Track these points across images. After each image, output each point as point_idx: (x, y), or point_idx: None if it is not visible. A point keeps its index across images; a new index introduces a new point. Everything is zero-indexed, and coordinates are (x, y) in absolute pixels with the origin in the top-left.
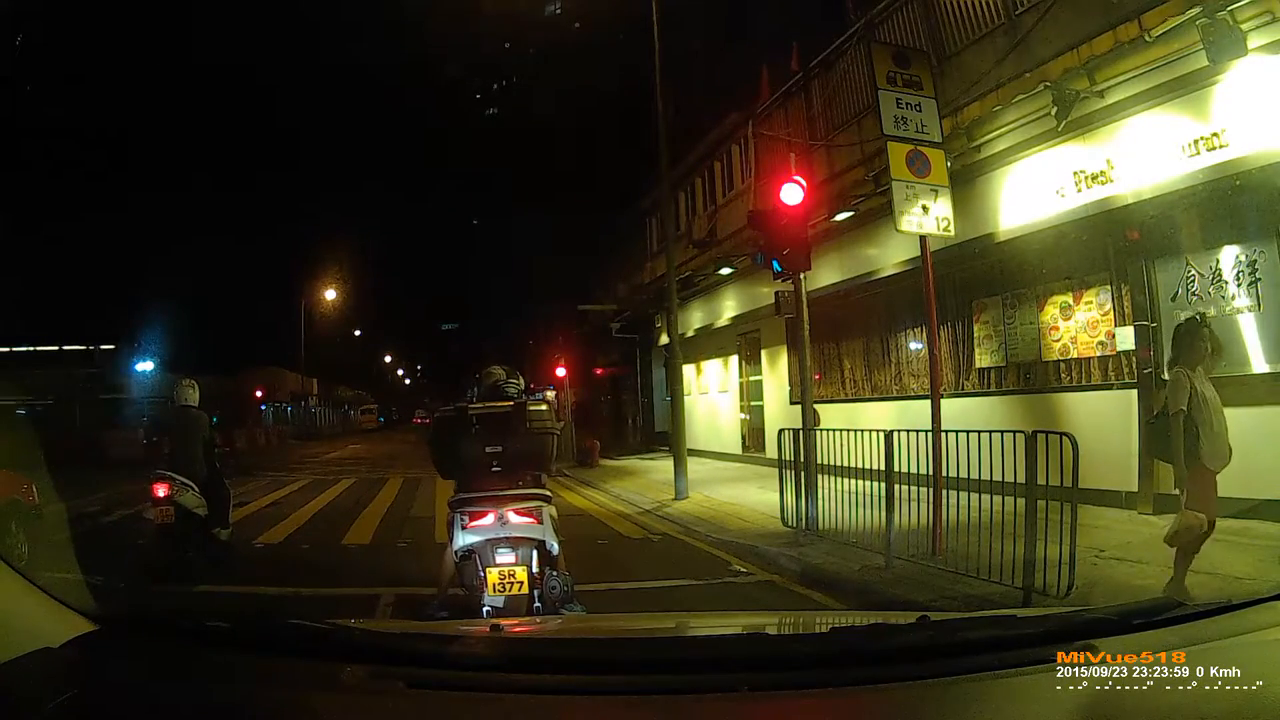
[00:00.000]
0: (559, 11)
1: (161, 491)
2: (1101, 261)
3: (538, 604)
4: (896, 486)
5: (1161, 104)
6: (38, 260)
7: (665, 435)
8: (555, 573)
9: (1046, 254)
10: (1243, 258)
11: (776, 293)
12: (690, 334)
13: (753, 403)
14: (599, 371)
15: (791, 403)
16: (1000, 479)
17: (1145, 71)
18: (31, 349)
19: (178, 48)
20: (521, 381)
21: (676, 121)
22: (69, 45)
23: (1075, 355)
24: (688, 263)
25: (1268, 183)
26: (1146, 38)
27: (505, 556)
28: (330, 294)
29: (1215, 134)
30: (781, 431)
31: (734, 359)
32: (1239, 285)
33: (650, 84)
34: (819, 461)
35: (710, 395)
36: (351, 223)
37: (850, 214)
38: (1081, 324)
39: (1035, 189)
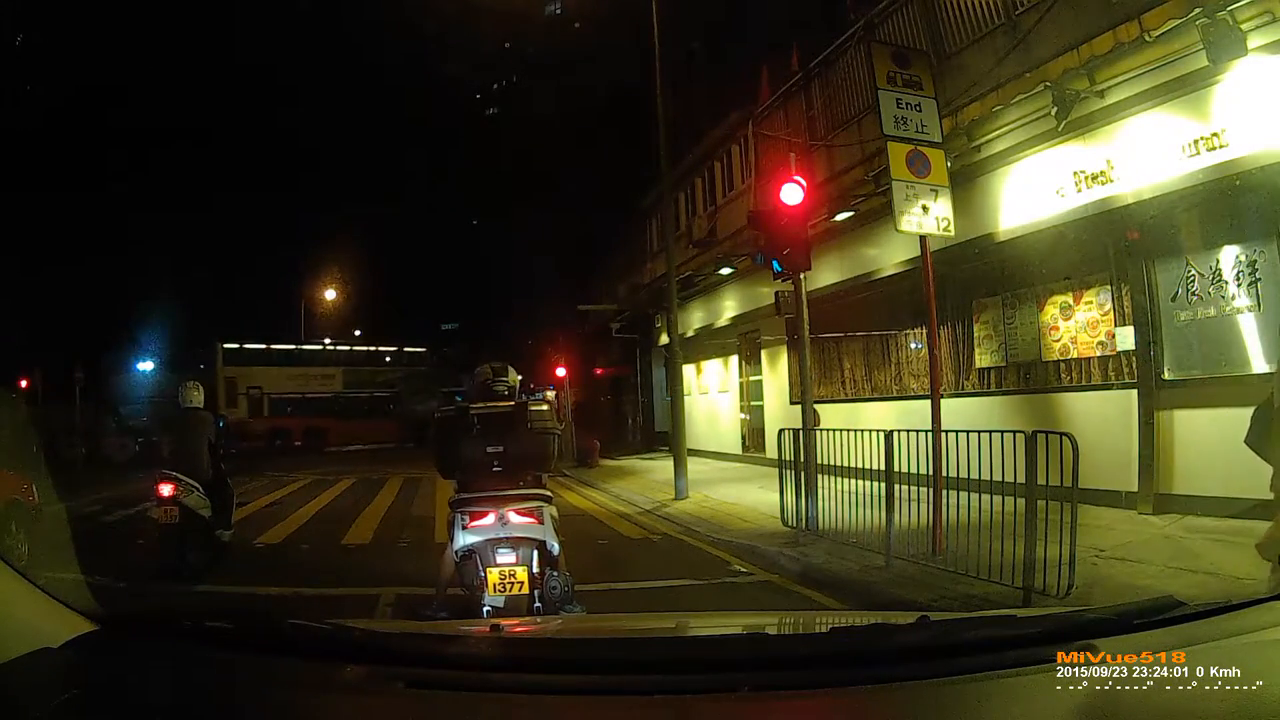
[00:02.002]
0: (559, 11)
1: (166, 491)
2: (1101, 261)
3: (538, 604)
4: (896, 486)
5: (1161, 104)
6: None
7: (665, 435)
8: (556, 573)
9: (1046, 254)
10: (1243, 258)
11: (776, 293)
12: (690, 334)
13: (753, 403)
14: (599, 371)
15: (791, 403)
16: (1000, 479)
17: (1145, 71)
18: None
19: (174, 46)
20: (513, 376)
21: (677, 121)
22: (66, 44)
23: (1075, 355)
24: (688, 263)
25: (1268, 183)
26: (1146, 38)
27: (506, 556)
28: (330, 294)
29: (1215, 134)
30: (781, 431)
31: (734, 359)
32: (1239, 285)
33: (650, 84)
34: (819, 461)
35: (710, 395)
36: (351, 223)
37: (850, 214)
38: (1081, 324)
39: (1035, 189)
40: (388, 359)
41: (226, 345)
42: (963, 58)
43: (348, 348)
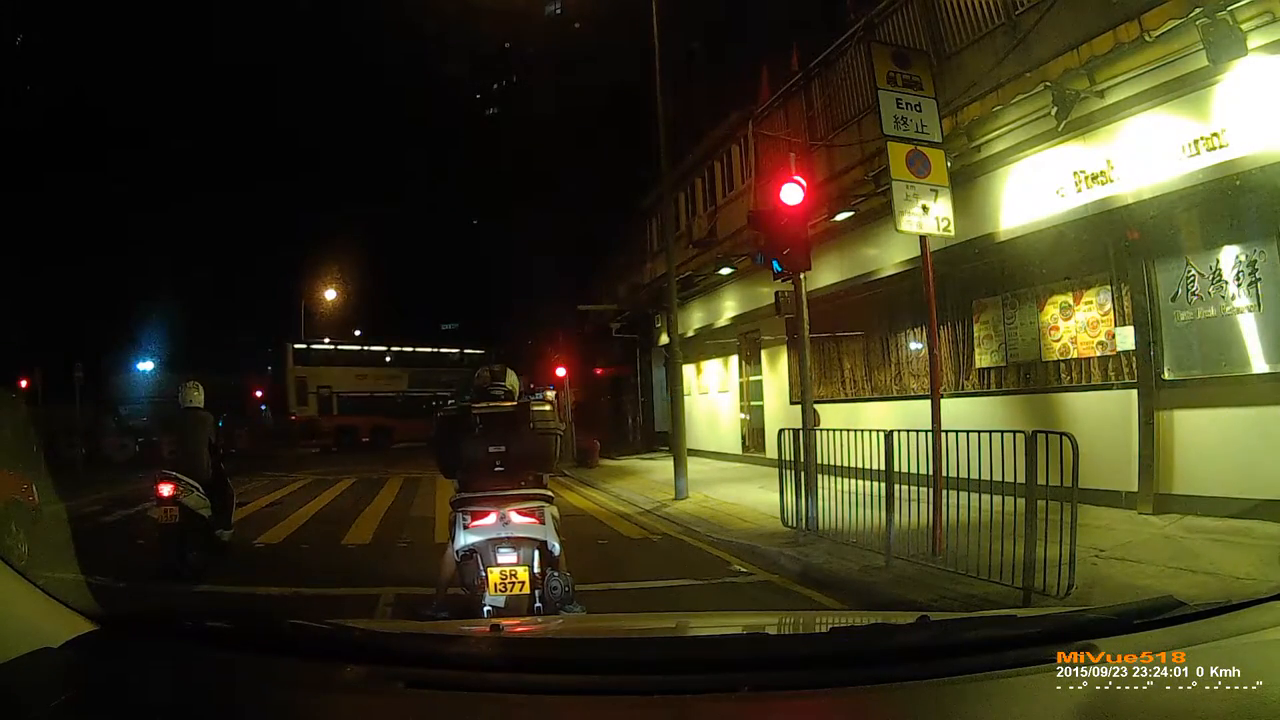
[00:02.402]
0: (559, 11)
1: (166, 491)
2: (1101, 261)
3: (539, 604)
4: (896, 486)
5: (1161, 104)
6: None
7: (665, 435)
8: (556, 573)
9: (1046, 254)
10: (1243, 258)
11: (776, 293)
12: (690, 334)
13: (753, 403)
14: (599, 371)
15: (791, 403)
16: (1000, 479)
17: (1145, 71)
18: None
19: (174, 46)
20: (512, 379)
21: (677, 121)
22: (66, 44)
23: (1075, 355)
24: (688, 263)
25: (1268, 183)
26: (1146, 38)
27: (507, 556)
28: (330, 294)
29: (1215, 134)
30: (781, 431)
31: (734, 359)
32: (1239, 285)
33: (650, 84)
34: (819, 461)
35: (710, 395)
36: (351, 223)
37: (850, 214)
38: (1081, 324)
39: (1035, 189)
40: (450, 360)
41: (296, 345)
42: (963, 58)
43: (411, 349)
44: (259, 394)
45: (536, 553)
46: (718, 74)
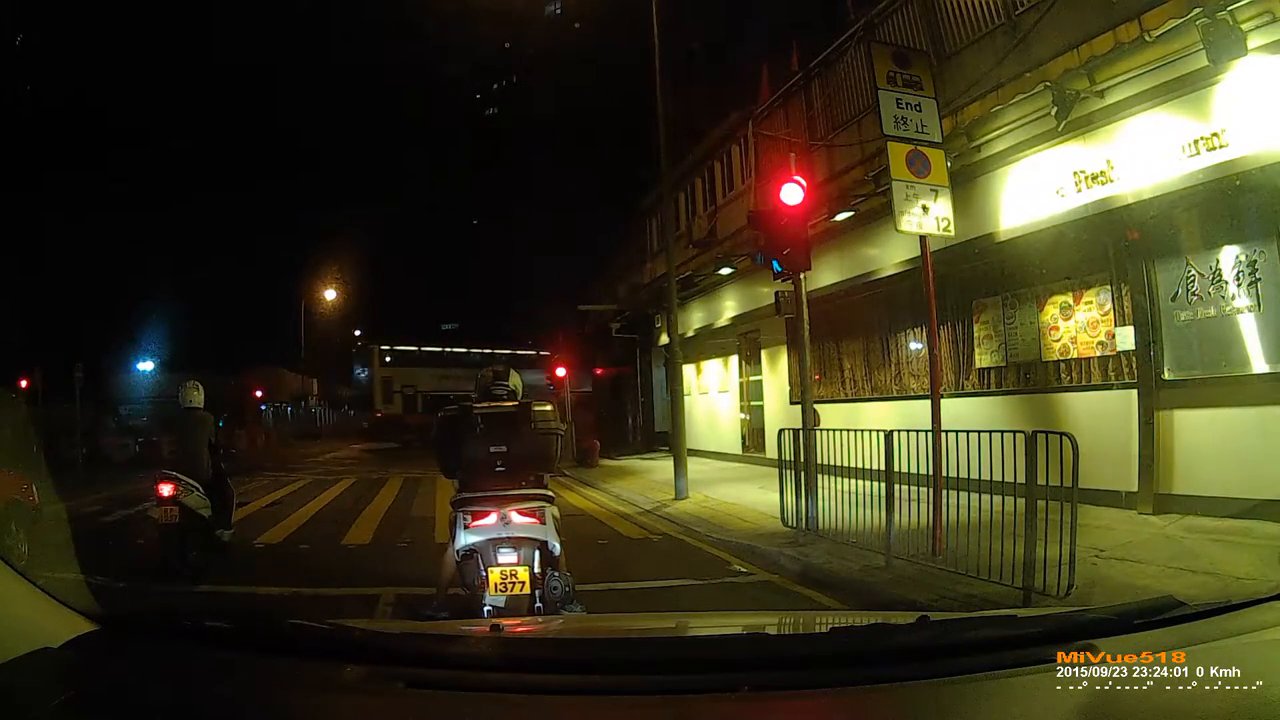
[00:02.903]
0: (559, 11)
1: (167, 491)
2: (1101, 261)
3: (539, 604)
4: (896, 486)
5: (1161, 104)
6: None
7: (665, 435)
8: (557, 573)
9: (1046, 254)
10: (1243, 258)
11: (776, 293)
12: (690, 334)
13: (753, 403)
14: (599, 371)
15: (791, 403)
16: (1000, 479)
17: (1145, 71)
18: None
19: (175, 46)
20: (515, 379)
21: (677, 121)
22: (66, 44)
23: (1075, 355)
24: (688, 263)
25: (1268, 183)
26: (1146, 38)
27: (507, 556)
28: (330, 294)
29: (1215, 134)
30: (781, 431)
31: (734, 359)
32: (1239, 285)
33: (650, 83)
34: (819, 461)
35: (710, 395)
36: (351, 223)
37: (850, 214)
38: (1081, 324)
39: (1035, 189)
40: (527, 361)
41: (382, 347)
42: (963, 58)
43: (490, 350)
44: (259, 394)
45: (537, 553)
46: (718, 74)
